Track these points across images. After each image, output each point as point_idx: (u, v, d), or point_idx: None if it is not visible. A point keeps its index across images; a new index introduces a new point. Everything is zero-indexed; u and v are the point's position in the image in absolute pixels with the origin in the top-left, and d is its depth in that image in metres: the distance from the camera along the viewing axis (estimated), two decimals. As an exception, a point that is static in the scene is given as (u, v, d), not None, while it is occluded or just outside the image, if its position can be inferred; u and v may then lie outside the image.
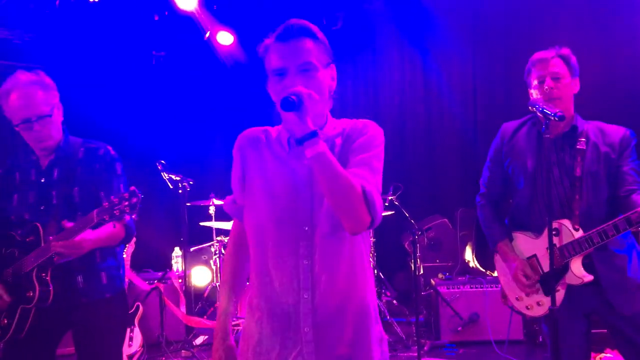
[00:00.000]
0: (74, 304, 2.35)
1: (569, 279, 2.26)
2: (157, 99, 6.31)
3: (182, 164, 5.71)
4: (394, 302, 5.26)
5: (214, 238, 5.26)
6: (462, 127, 6.13)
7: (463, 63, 6.14)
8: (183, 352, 4.41)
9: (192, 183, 4.87)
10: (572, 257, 2.24)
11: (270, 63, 1.61)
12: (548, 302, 2.23)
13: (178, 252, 5.50)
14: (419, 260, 4.88)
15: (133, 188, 2.10)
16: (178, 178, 4.78)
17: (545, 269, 2.33)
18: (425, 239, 5.33)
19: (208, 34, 5.82)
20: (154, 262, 5.54)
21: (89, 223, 2.14)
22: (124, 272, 2.55)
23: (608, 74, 5.18)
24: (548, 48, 2.39)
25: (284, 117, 1.48)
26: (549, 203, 2.13)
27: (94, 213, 2.12)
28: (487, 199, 2.59)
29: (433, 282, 4.70)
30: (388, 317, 4.71)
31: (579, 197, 2.27)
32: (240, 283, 1.78)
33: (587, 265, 2.25)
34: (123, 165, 2.50)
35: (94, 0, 5.22)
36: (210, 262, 5.52)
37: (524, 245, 2.42)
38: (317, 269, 1.56)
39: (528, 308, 2.40)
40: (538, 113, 2.21)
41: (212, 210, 5.27)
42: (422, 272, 5.08)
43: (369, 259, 1.70)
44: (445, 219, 5.58)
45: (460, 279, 4.67)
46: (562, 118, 2.11)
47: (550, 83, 2.32)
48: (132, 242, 4.27)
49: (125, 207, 2.08)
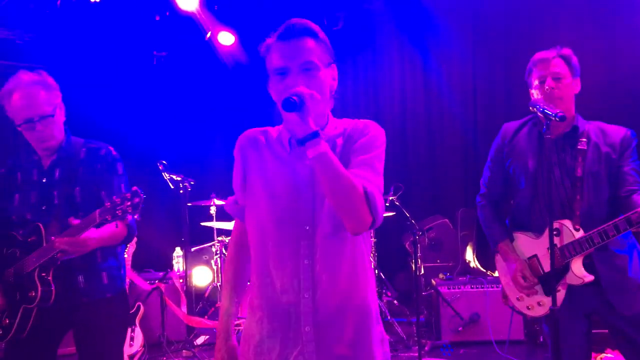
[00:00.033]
0: (75, 304, 2.36)
1: (570, 279, 2.26)
2: (158, 99, 6.31)
3: (183, 164, 5.71)
4: (395, 302, 5.26)
5: (215, 238, 5.26)
6: (462, 127, 6.13)
7: (463, 63, 6.14)
8: (184, 352, 4.41)
9: (193, 183, 4.87)
10: (572, 257, 2.24)
11: (272, 62, 1.61)
12: (549, 302, 2.23)
13: (179, 252, 5.51)
14: (420, 261, 4.88)
15: (135, 188, 2.10)
16: (179, 178, 4.78)
17: (546, 269, 2.33)
18: (426, 239, 5.34)
19: (209, 34, 5.82)
20: (155, 262, 5.55)
21: (92, 223, 2.14)
22: (125, 272, 2.56)
23: (609, 74, 5.19)
24: (549, 48, 2.39)
25: (285, 117, 1.48)
26: (550, 203, 2.13)
27: (97, 213, 2.12)
28: (487, 199, 2.59)
29: (434, 282, 4.70)
30: (389, 317, 4.71)
31: (580, 197, 2.27)
32: (242, 283, 1.78)
33: (587, 266, 2.26)
34: (124, 165, 2.51)
35: (95, 1, 5.22)
36: (211, 262, 5.52)
37: (525, 246, 2.42)
38: (317, 269, 1.56)
39: (529, 308, 2.40)
40: (539, 113, 2.20)
41: (213, 211, 5.27)
42: (422, 272, 5.08)
43: (370, 259, 1.70)
44: (446, 219, 5.58)
45: (461, 279, 4.67)
46: (563, 118, 2.11)
47: (551, 83, 2.32)
48: (133, 242, 4.27)
49: (128, 207, 2.08)
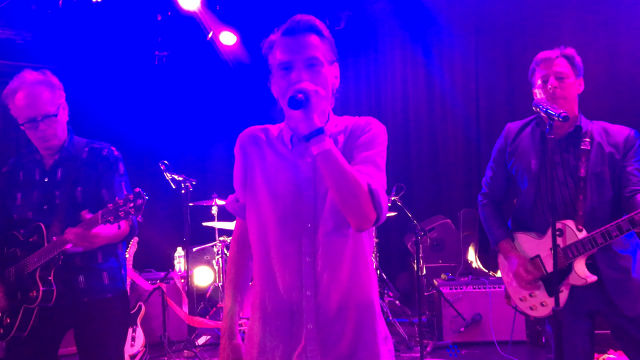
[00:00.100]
0: (76, 304, 2.36)
1: (573, 280, 2.25)
2: (159, 99, 6.32)
3: (184, 164, 5.72)
4: (397, 302, 5.25)
5: (217, 238, 5.27)
6: (464, 127, 6.12)
7: (466, 63, 6.13)
8: (185, 352, 4.41)
9: (194, 183, 4.87)
10: (575, 257, 2.23)
11: (276, 57, 1.60)
12: (552, 302, 2.22)
13: (180, 252, 5.51)
14: (422, 261, 4.87)
15: (138, 190, 2.09)
16: (181, 178, 4.78)
17: (549, 270, 2.32)
18: (428, 240, 5.33)
19: (211, 34, 5.82)
20: (157, 262, 5.55)
21: (94, 224, 2.14)
22: (126, 272, 2.56)
23: (612, 74, 5.18)
24: (552, 48, 2.38)
25: (289, 114, 1.47)
26: (553, 203, 2.12)
27: (99, 214, 2.12)
28: (489, 199, 2.59)
29: (436, 282, 4.69)
30: (390, 317, 4.70)
31: (583, 197, 2.26)
32: (245, 282, 1.78)
33: (590, 266, 2.25)
34: (126, 165, 2.50)
35: (97, 1, 5.22)
36: (213, 262, 5.53)
37: (528, 246, 2.41)
38: (319, 267, 1.56)
39: (532, 308, 2.39)
40: (542, 113, 2.19)
41: (214, 211, 5.27)
42: (424, 272, 5.06)
43: (372, 257, 1.69)
44: (448, 220, 5.57)
45: (463, 280, 4.66)
46: (566, 119, 2.09)
47: (554, 82, 2.31)
48: (134, 242, 4.28)
49: (130, 208, 2.08)
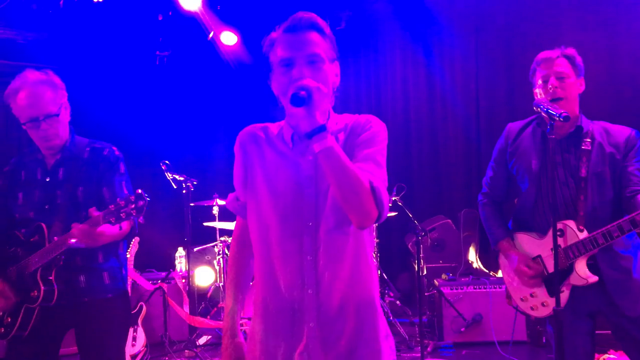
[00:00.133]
0: (76, 304, 2.36)
1: (574, 280, 2.25)
2: (160, 99, 6.32)
3: (185, 164, 5.72)
4: (397, 302, 5.25)
5: (218, 238, 5.27)
6: (465, 127, 6.12)
7: (466, 63, 6.13)
8: (186, 352, 4.41)
9: (195, 183, 4.87)
10: (576, 258, 2.23)
11: (277, 54, 1.60)
12: (552, 302, 2.21)
13: (181, 252, 5.51)
14: (423, 261, 4.87)
15: (140, 191, 2.09)
16: (182, 178, 4.79)
17: (550, 270, 2.32)
18: (429, 240, 5.33)
19: (212, 34, 5.82)
20: (158, 262, 5.55)
21: (96, 225, 2.14)
22: (127, 272, 2.56)
23: (612, 74, 5.17)
24: (553, 48, 2.38)
25: (290, 112, 1.47)
26: (554, 204, 2.12)
27: (101, 215, 2.12)
28: (489, 199, 2.59)
29: (436, 282, 4.69)
30: (391, 317, 4.70)
31: (584, 197, 2.26)
32: (246, 280, 1.78)
33: (592, 266, 2.24)
34: (127, 165, 2.51)
35: (98, 1, 5.23)
36: (214, 262, 5.53)
37: (528, 246, 2.41)
38: (321, 265, 1.56)
39: (532, 309, 2.39)
40: (543, 113, 2.19)
41: (215, 211, 5.28)
42: (425, 272, 5.06)
43: (372, 255, 1.69)
44: (449, 220, 5.57)
45: (464, 280, 4.66)
46: (567, 119, 2.09)
47: (555, 82, 2.31)
48: (136, 242, 4.28)
49: (132, 210, 2.07)
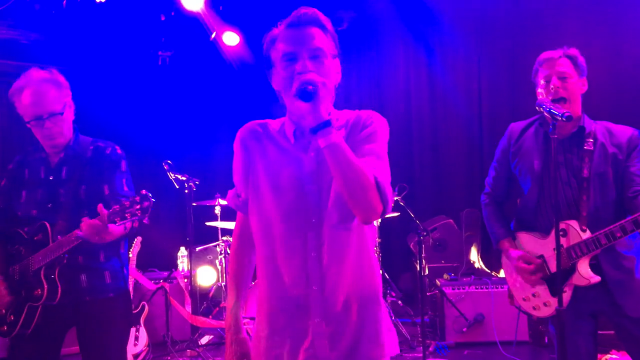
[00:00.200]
0: (78, 303, 2.36)
1: (576, 280, 2.25)
2: (163, 99, 6.33)
3: (187, 164, 5.72)
4: (399, 302, 5.25)
5: (220, 238, 5.28)
6: (467, 127, 6.12)
7: (468, 63, 6.13)
8: (188, 351, 4.42)
9: (198, 183, 4.88)
10: (579, 258, 2.23)
11: (279, 49, 1.60)
12: (555, 302, 2.22)
13: (184, 251, 5.51)
14: (424, 261, 4.86)
15: (145, 192, 2.10)
16: (184, 178, 4.79)
17: (552, 270, 2.31)
18: (431, 240, 5.33)
19: (214, 35, 5.83)
20: (160, 261, 5.56)
21: (105, 222, 2.14)
22: (128, 272, 2.56)
23: (616, 74, 5.17)
24: (555, 48, 2.38)
25: (293, 107, 1.47)
26: (556, 204, 2.12)
27: (105, 216, 2.13)
28: (491, 198, 2.59)
29: (438, 282, 4.69)
30: (393, 317, 4.70)
31: (587, 198, 2.26)
32: (247, 276, 1.78)
33: (594, 267, 2.24)
34: (129, 164, 2.51)
35: (101, 1, 5.23)
36: (216, 262, 5.54)
37: (531, 246, 2.41)
38: (325, 261, 1.56)
39: (535, 308, 2.39)
40: (545, 113, 2.19)
41: (217, 210, 5.28)
42: (427, 272, 5.06)
43: (374, 250, 1.70)
44: (451, 220, 5.57)
45: (466, 280, 4.66)
46: (569, 119, 2.09)
47: (557, 82, 2.31)
48: (138, 241, 4.29)
49: (137, 210, 2.08)
